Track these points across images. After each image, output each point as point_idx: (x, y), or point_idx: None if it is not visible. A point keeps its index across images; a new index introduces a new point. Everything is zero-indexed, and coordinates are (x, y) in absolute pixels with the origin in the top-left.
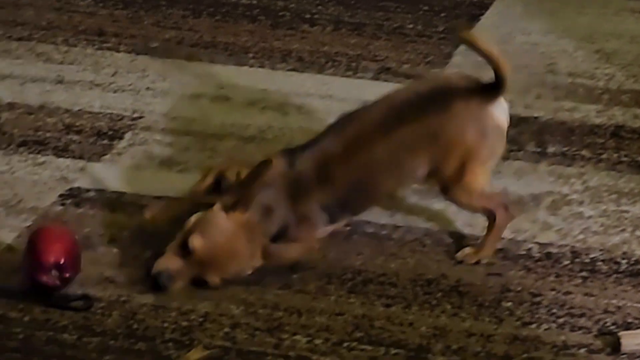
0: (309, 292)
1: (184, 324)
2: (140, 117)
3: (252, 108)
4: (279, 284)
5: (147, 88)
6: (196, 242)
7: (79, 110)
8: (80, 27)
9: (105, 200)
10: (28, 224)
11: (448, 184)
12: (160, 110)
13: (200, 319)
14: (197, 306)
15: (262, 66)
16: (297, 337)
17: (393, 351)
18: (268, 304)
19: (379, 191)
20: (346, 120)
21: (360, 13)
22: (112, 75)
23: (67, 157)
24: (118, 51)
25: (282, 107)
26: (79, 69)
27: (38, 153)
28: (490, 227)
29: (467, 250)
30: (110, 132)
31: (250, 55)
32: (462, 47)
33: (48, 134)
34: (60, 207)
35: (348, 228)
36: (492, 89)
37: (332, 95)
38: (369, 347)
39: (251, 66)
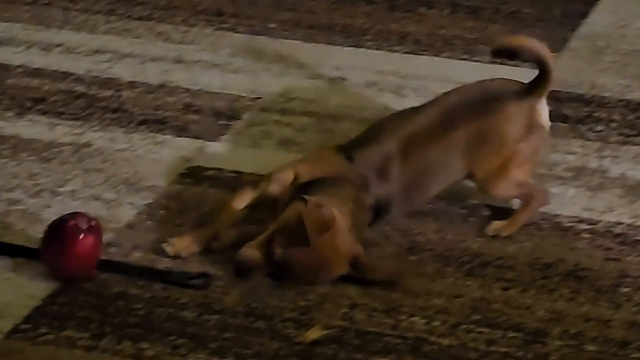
0: (426, 274)
1: (303, 303)
2: (258, 98)
3: (369, 90)
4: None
5: (265, 69)
6: (277, 250)
7: (198, 90)
8: (199, 7)
9: (224, 179)
10: (148, 202)
11: (489, 179)
12: (278, 91)
13: (319, 299)
14: (315, 286)
15: (379, 48)
16: (415, 318)
17: (510, 334)
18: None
19: (430, 191)
20: (400, 119)
21: None
22: (231, 55)
23: (186, 137)
24: (236, 32)
25: (398, 90)
26: (197, 49)
27: (158, 132)
28: (525, 207)
29: (497, 224)
30: (228, 112)
31: (367, 37)
32: (580, 31)
33: (167, 113)
34: (180, 186)
35: None
36: (537, 87)
37: (448, 79)
38: (486, 330)
39: (368, 48)
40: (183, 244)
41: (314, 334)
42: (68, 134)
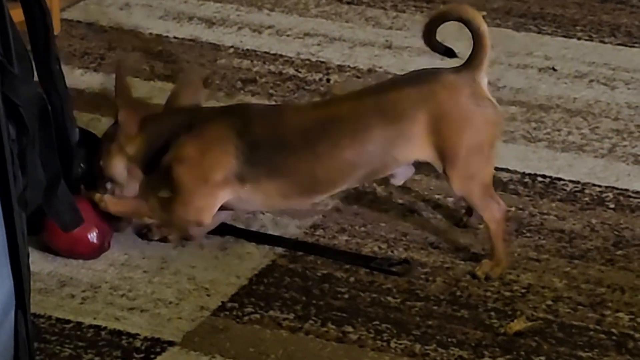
0: (633, 269)
1: (507, 294)
2: None
3: (580, 81)
4: (603, 260)
5: None
6: None
7: None
8: None
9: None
10: (355, 186)
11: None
12: (488, 79)
13: (523, 290)
14: (520, 277)
15: (590, 39)
16: (620, 314)
17: None
18: (591, 279)
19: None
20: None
21: None
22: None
23: None
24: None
25: (609, 82)
26: (407, 35)
27: None
28: (495, 233)
29: (488, 264)
30: None
31: (578, 27)
32: None
33: None
34: None
35: None
36: (474, 58)
37: None
38: None
39: (579, 39)
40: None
41: (518, 325)
42: None
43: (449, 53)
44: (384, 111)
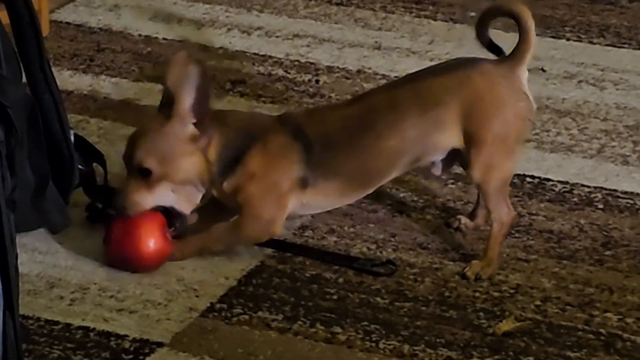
0: (621, 269)
1: (496, 294)
2: None
3: (569, 82)
4: (592, 260)
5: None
6: None
7: (396, 76)
8: None
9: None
10: None
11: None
12: None
13: (512, 291)
14: (508, 277)
15: (579, 40)
16: (608, 314)
17: None
18: (579, 279)
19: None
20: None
21: None
22: (429, 43)
23: None
24: (435, 19)
25: (598, 82)
26: (396, 36)
27: None
28: (496, 235)
29: (478, 264)
30: None
31: (567, 28)
32: None
33: None
34: None
35: None
36: (517, 52)
37: None
38: None
39: (568, 39)
40: None
41: (506, 325)
42: None
43: (496, 50)
44: (421, 98)
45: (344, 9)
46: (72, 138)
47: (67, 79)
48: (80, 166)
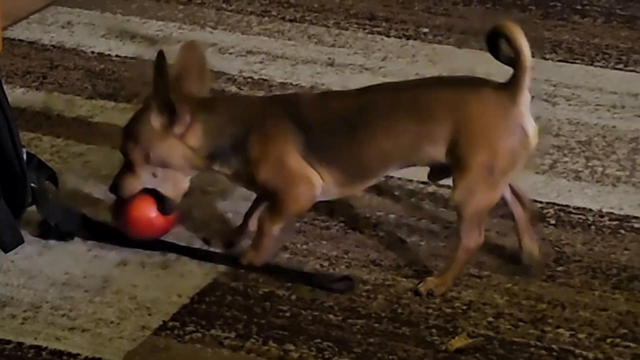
0: (573, 285)
1: (448, 311)
2: None
3: None
4: (544, 276)
5: (416, 73)
6: None
7: None
8: (351, 11)
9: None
10: None
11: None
12: None
13: (464, 307)
14: (461, 294)
15: (532, 55)
16: (560, 330)
17: None
18: (532, 295)
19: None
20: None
21: (633, 6)
22: (382, 59)
23: None
24: (388, 36)
25: (551, 98)
26: (349, 52)
27: None
28: (461, 254)
29: (432, 281)
30: None
31: None
32: None
33: None
34: None
35: None
36: (514, 79)
37: (601, 88)
38: (632, 345)
39: None
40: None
41: (459, 342)
42: None
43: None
44: (419, 108)
45: (297, 25)
46: (25, 156)
47: (19, 96)
48: (32, 184)
